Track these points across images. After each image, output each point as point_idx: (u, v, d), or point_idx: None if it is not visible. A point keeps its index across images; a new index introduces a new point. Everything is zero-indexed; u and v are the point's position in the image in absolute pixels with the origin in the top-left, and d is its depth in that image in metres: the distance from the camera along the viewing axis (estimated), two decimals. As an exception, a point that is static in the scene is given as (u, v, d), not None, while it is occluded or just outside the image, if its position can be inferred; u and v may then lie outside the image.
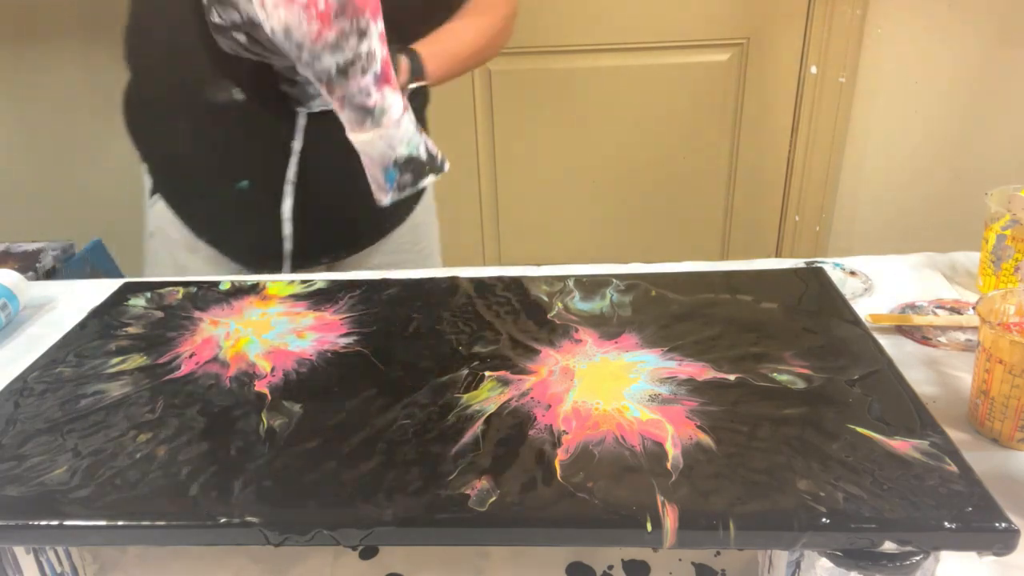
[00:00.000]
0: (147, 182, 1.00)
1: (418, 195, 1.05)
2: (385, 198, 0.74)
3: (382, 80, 0.68)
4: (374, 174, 0.73)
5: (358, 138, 0.70)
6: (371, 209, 0.96)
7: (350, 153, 0.74)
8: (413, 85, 0.81)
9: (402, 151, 0.72)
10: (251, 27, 0.69)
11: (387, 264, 1.06)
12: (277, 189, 0.92)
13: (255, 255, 0.98)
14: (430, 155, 0.74)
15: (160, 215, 1.00)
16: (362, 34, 0.65)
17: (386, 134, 0.70)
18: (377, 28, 0.66)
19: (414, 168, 0.73)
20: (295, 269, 0.99)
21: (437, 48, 0.85)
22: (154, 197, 1.00)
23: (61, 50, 1.80)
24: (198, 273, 0.99)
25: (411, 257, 1.08)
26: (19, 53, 1.81)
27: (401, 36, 0.82)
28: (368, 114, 0.69)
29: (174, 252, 1.00)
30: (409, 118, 0.72)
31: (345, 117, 0.70)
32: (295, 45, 0.65)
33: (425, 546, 0.56)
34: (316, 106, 0.85)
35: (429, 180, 0.75)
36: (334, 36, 0.64)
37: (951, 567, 0.49)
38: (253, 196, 0.93)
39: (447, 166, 0.76)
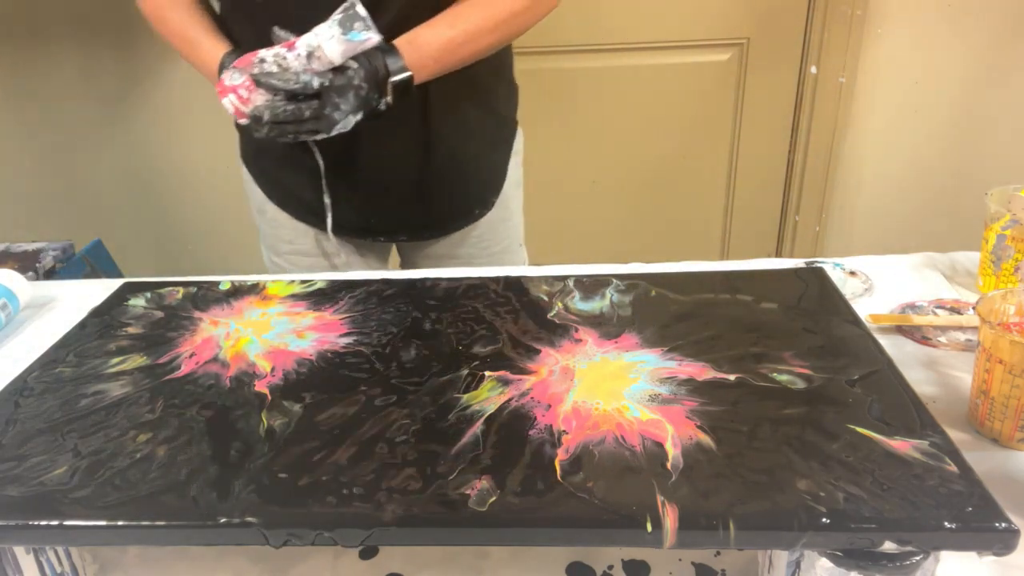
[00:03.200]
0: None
1: (489, 203, 1.09)
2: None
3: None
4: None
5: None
6: (423, 203, 1.03)
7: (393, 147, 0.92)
8: (396, 78, 0.84)
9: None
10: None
11: (458, 259, 1.11)
12: (337, 160, 0.98)
13: (313, 216, 1.05)
14: None
15: (244, 178, 1.11)
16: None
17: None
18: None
19: None
20: (352, 236, 1.07)
21: (425, 36, 0.86)
22: (239, 162, 1.10)
23: (61, 50, 1.80)
24: (265, 234, 1.11)
25: (477, 252, 1.11)
26: (19, 53, 1.81)
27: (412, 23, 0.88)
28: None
29: (252, 212, 1.12)
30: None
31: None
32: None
33: (425, 546, 0.56)
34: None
35: None
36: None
37: (951, 567, 0.49)
38: (316, 165, 0.99)
39: None
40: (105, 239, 1.59)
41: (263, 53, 0.82)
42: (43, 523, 0.46)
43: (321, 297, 0.73)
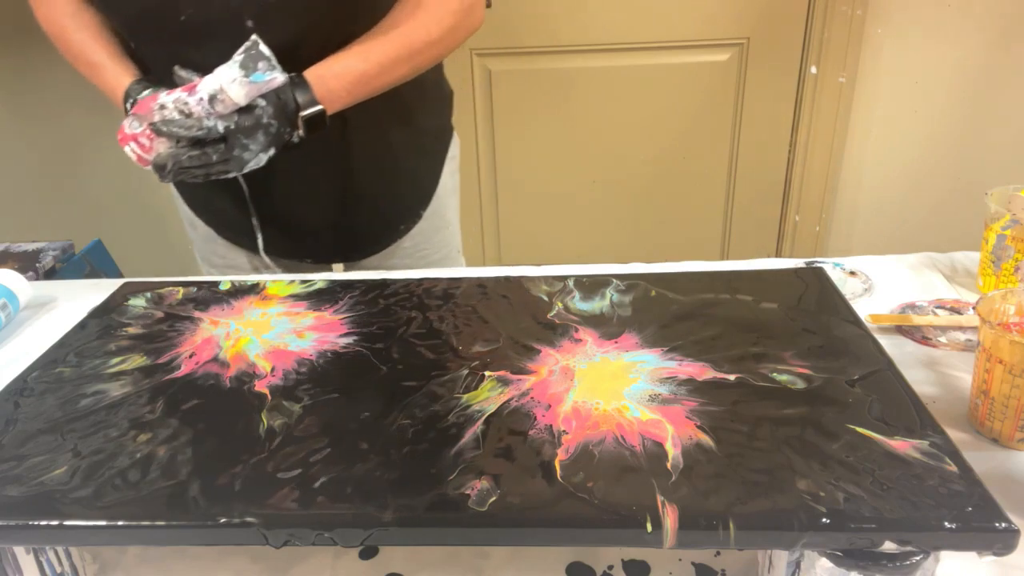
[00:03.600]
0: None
1: (416, 215, 1.06)
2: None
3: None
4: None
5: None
6: (356, 222, 1.00)
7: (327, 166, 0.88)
8: (307, 112, 0.80)
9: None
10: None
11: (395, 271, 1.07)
12: (260, 186, 0.96)
13: (243, 236, 1.03)
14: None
15: (172, 193, 1.08)
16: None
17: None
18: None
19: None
20: (283, 258, 1.04)
21: (336, 68, 0.83)
22: None
23: (61, 50, 1.80)
24: (198, 246, 1.10)
25: (416, 262, 1.08)
26: (19, 53, 1.81)
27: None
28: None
29: (185, 225, 1.10)
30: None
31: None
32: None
33: (425, 546, 0.56)
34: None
35: None
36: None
37: (951, 567, 0.49)
38: (241, 189, 0.96)
39: None
40: (105, 239, 1.59)
41: (163, 98, 0.78)
42: (43, 523, 0.46)
43: (321, 297, 0.72)
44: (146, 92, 0.82)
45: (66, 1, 0.91)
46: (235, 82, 0.77)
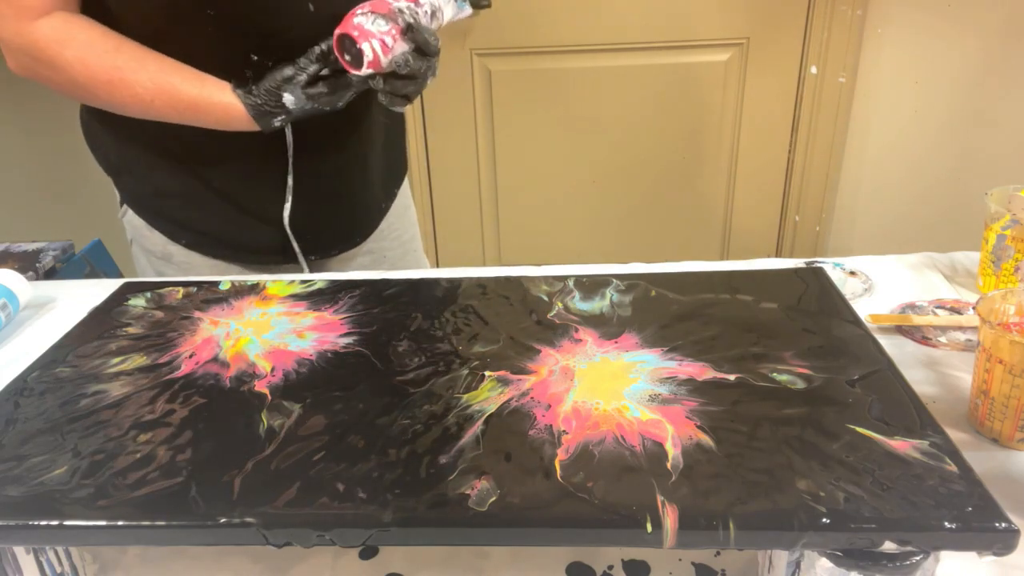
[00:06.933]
0: (116, 194, 1.00)
1: (393, 194, 1.06)
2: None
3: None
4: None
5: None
6: (354, 207, 0.98)
7: (337, 155, 0.84)
8: None
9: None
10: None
11: (372, 255, 1.06)
12: (257, 185, 0.92)
13: (230, 250, 0.97)
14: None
15: (131, 224, 1.00)
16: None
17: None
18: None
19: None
20: (282, 268, 1.00)
21: None
22: (123, 208, 1.00)
23: (61, 50, 1.80)
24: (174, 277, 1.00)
25: (392, 245, 1.07)
26: (19, 53, 1.81)
27: None
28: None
29: (151, 260, 1.01)
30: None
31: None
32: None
33: (425, 546, 0.56)
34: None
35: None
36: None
37: (951, 567, 0.49)
38: (234, 196, 0.92)
39: None
40: (105, 239, 1.59)
41: (398, 4, 0.75)
42: (43, 523, 0.46)
43: (321, 297, 0.72)
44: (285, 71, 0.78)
45: (103, 44, 0.80)
46: (449, 4, 0.78)
